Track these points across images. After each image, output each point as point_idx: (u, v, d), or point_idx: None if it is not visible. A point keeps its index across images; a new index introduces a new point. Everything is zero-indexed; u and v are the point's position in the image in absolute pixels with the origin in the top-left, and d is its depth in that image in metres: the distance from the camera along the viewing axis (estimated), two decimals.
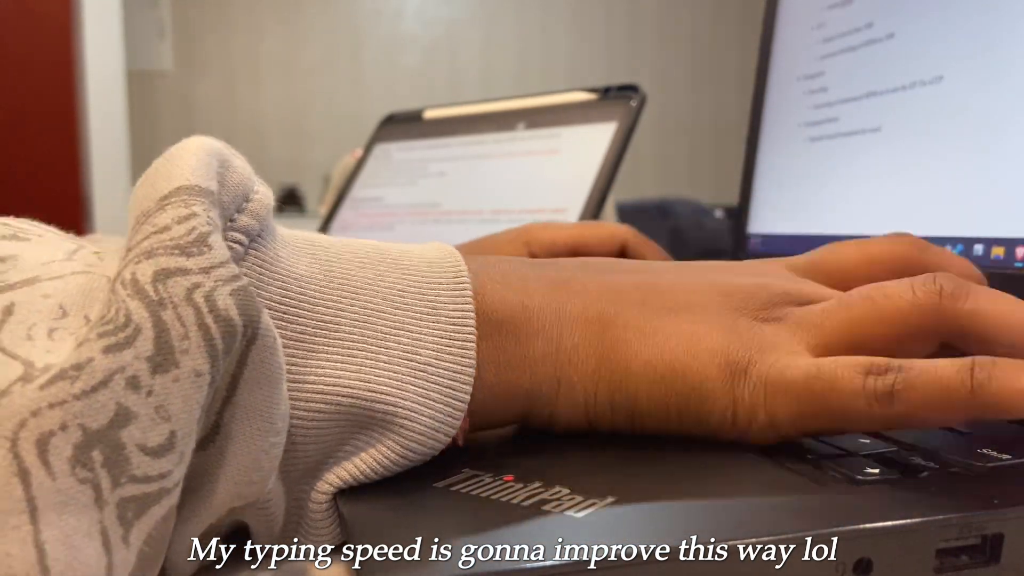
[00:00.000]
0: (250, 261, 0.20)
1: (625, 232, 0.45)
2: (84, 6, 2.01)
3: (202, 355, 0.17)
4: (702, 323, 0.24)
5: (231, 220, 0.20)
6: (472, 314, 0.23)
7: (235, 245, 0.20)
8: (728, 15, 3.76)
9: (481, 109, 0.73)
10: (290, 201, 3.42)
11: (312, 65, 3.49)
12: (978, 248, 0.40)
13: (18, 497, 0.15)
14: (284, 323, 0.21)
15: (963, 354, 0.22)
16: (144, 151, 2.87)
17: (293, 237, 0.23)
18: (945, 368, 0.21)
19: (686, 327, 0.24)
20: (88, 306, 0.18)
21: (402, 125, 0.80)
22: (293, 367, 0.20)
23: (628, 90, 0.64)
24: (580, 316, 0.24)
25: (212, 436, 0.19)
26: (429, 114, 0.78)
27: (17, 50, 1.94)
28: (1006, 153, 0.39)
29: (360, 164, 0.81)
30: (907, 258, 0.26)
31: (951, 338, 0.23)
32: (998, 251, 0.39)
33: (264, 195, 0.21)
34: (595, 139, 0.63)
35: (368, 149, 0.82)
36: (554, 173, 0.65)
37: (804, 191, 0.53)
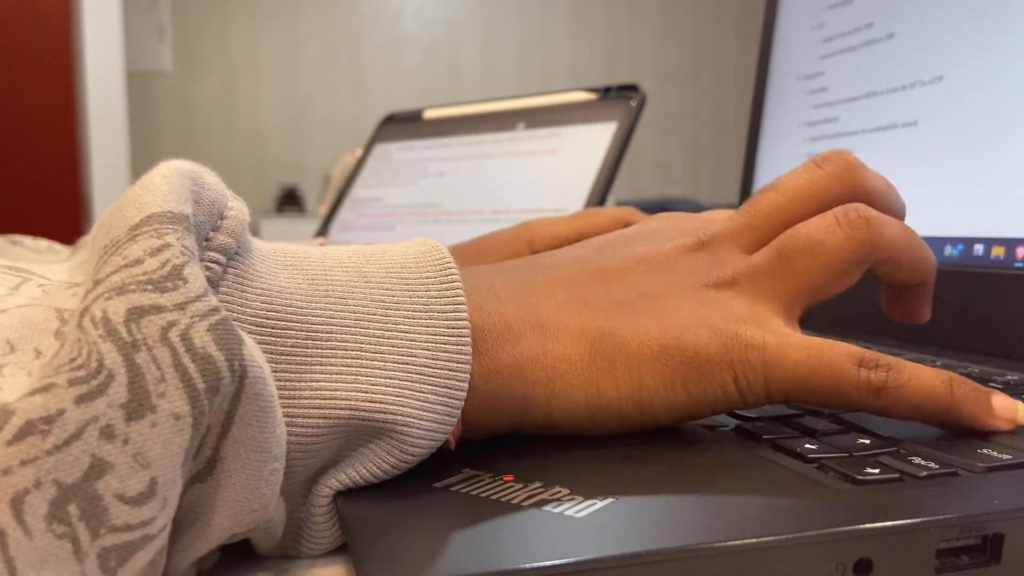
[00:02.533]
0: (230, 279, 0.20)
1: (626, 216, 0.46)
2: (84, 6, 2.01)
3: (180, 397, 0.17)
4: (671, 300, 0.25)
5: (207, 239, 0.20)
6: (464, 305, 0.22)
7: (213, 265, 0.19)
8: (728, 15, 3.76)
9: (481, 109, 0.73)
10: (290, 201, 3.42)
11: (312, 65, 3.49)
12: (978, 248, 0.40)
13: None
14: (272, 338, 0.20)
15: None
16: (144, 151, 2.87)
17: (271, 251, 0.22)
18: (930, 378, 0.24)
19: (661, 306, 0.25)
20: (37, 339, 0.18)
21: (402, 125, 0.80)
22: (287, 382, 0.20)
23: (628, 90, 0.64)
24: (557, 321, 0.24)
25: (209, 470, 0.18)
26: (429, 114, 0.78)
27: (17, 50, 1.94)
28: (1006, 153, 0.39)
29: (360, 164, 0.81)
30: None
31: (874, 264, 0.26)
32: (998, 251, 0.39)
33: (239, 211, 0.21)
34: (595, 139, 0.63)
35: (368, 149, 0.82)
36: (554, 173, 0.65)
37: None
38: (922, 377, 0.24)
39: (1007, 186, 0.39)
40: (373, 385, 0.21)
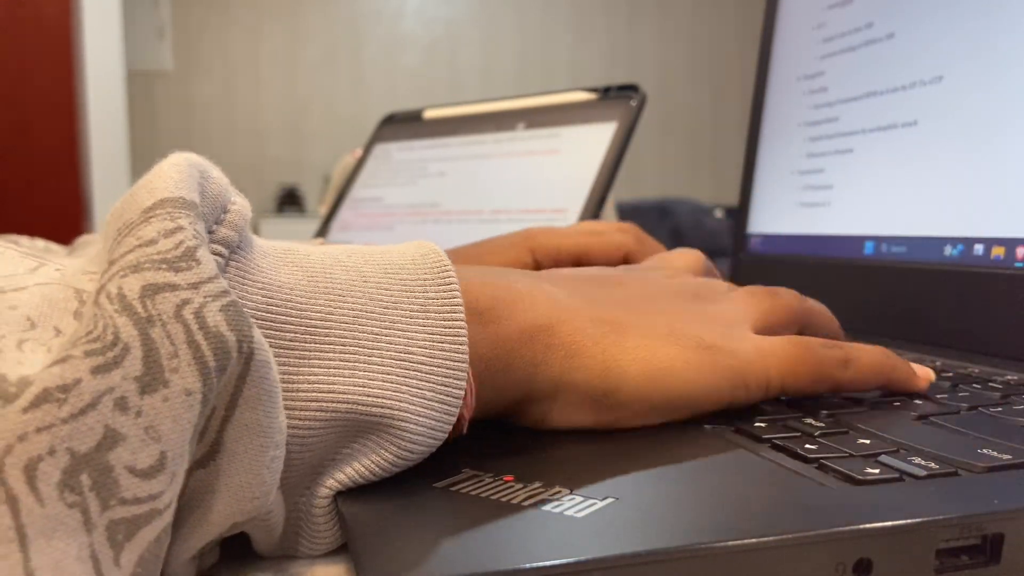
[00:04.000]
0: (231, 272, 0.20)
1: (628, 241, 0.45)
2: (84, 6, 2.01)
3: (192, 373, 0.17)
4: (670, 304, 0.28)
5: (210, 232, 0.20)
6: (461, 307, 0.22)
7: (215, 257, 0.20)
8: (728, 15, 3.76)
9: (481, 109, 0.73)
10: (290, 201, 3.42)
11: (312, 65, 3.49)
12: (978, 248, 0.40)
13: (7, 525, 0.15)
14: (272, 332, 0.20)
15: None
16: (144, 151, 2.87)
17: (271, 247, 0.22)
18: (871, 350, 0.29)
19: (663, 306, 0.28)
20: (56, 317, 0.18)
21: (402, 125, 0.80)
22: (285, 376, 0.20)
23: (628, 90, 0.64)
24: (567, 304, 0.26)
25: (212, 454, 0.18)
26: (429, 114, 0.78)
27: (17, 50, 1.94)
28: (1006, 153, 0.39)
29: (360, 164, 0.81)
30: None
31: (802, 326, 0.32)
32: (998, 251, 0.39)
33: (241, 206, 0.21)
34: (595, 139, 0.63)
35: (368, 149, 0.82)
36: (554, 173, 0.65)
37: (804, 191, 0.53)
38: (867, 350, 0.29)
39: (1007, 186, 0.39)
40: (370, 380, 0.21)
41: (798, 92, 0.55)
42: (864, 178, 0.48)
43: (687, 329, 0.27)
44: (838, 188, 0.50)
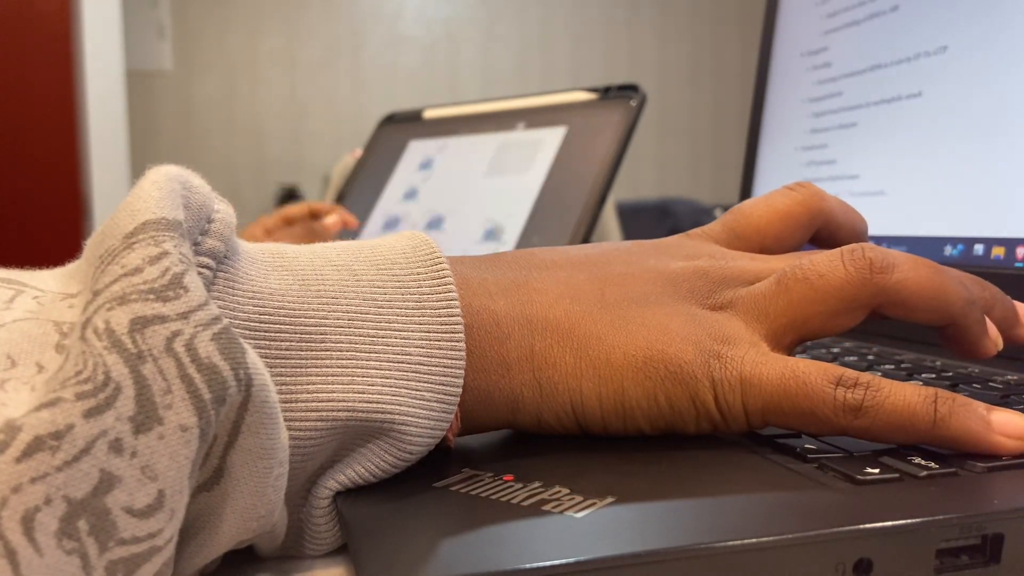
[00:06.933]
0: (220, 284, 0.20)
1: None
2: (84, 6, 2.01)
3: (187, 408, 0.17)
4: (663, 312, 0.25)
5: (196, 244, 0.20)
6: (456, 301, 0.22)
7: (203, 270, 0.19)
8: (728, 15, 3.75)
9: (481, 109, 0.73)
10: (290, 201, 3.42)
11: (312, 65, 3.48)
12: (978, 248, 0.40)
13: None
14: (266, 341, 0.20)
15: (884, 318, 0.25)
16: (144, 151, 2.87)
17: (259, 252, 0.22)
18: (912, 395, 0.22)
19: (651, 316, 0.24)
20: (37, 353, 0.17)
21: (402, 125, 0.80)
22: (283, 386, 0.20)
23: (628, 90, 0.64)
24: (546, 318, 0.24)
25: (216, 479, 0.18)
26: (429, 114, 0.78)
27: (17, 50, 1.94)
28: (1007, 153, 0.39)
29: (360, 164, 0.81)
30: (811, 207, 0.29)
31: (879, 307, 0.25)
32: (998, 251, 0.39)
33: (225, 213, 0.21)
34: (595, 139, 0.63)
35: (368, 149, 0.82)
36: (554, 173, 0.64)
37: (807, 167, 0.53)
38: (902, 394, 0.22)
39: (1007, 186, 0.39)
40: (370, 386, 0.20)
41: (801, 69, 0.55)
42: (864, 180, 0.48)
43: (668, 352, 0.24)
44: (841, 163, 0.50)
